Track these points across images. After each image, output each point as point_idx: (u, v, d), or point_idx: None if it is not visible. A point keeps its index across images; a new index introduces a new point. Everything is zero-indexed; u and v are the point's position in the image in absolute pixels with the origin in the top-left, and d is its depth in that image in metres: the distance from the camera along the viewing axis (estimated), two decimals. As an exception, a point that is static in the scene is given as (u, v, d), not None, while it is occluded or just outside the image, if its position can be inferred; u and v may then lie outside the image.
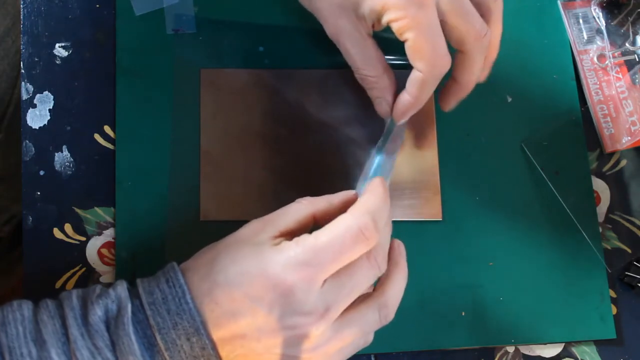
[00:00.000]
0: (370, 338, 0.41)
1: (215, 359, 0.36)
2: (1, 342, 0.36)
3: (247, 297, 0.36)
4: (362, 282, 0.38)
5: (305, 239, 0.37)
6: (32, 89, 0.50)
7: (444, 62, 0.42)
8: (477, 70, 0.45)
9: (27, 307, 0.37)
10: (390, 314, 0.40)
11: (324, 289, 0.37)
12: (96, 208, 0.49)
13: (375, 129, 0.52)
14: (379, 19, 0.42)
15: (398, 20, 0.41)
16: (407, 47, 0.42)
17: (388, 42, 0.47)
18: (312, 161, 0.51)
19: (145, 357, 0.35)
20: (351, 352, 0.40)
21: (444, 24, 0.42)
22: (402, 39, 0.42)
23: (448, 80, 0.47)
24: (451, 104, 0.48)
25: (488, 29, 0.43)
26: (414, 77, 0.44)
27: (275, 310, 0.36)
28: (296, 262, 0.36)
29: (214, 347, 0.36)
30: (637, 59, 0.55)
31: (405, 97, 0.45)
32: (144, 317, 0.36)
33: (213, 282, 0.37)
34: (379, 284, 0.40)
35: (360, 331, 0.39)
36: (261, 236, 0.38)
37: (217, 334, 0.36)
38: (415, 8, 0.40)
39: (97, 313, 0.36)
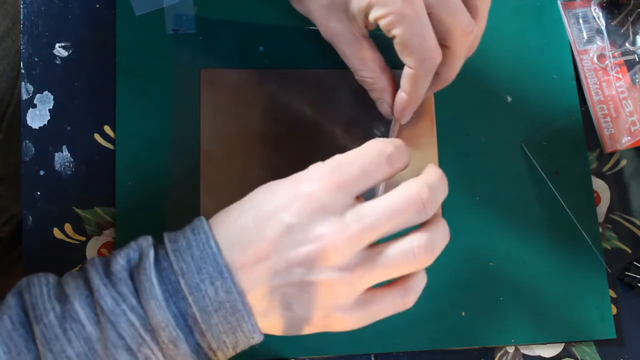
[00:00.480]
0: (413, 297, 0.38)
1: (241, 304, 0.35)
2: (25, 300, 0.36)
3: (272, 212, 0.36)
4: (395, 215, 0.36)
5: (332, 159, 0.37)
6: (32, 89, 0.50)
7: (434, 56, 0.42)
8: (459, 66, 0.45)
9: (52, 275, 0.37)
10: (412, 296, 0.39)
11: (353, 203, 0.36)
12: (96, 208, 0.49)
13: (375, 129, 0.52)
14: (367, 17, 0.42)
15: (385, 17, 0.40)
16: (396, 44, 0.42)
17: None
18: (312, 161, 0.51)
19: (169, 302, 0.35)
20: (387, 308, 0.38)
21: (430, 18, 0.41)
22: (390, 35, 0.41)
23: (399, 94, 0.46)
24: (407, 116, 0.47)
25: (475, 25, 0.42)
26: (406, 73, 0.43)
27: (301, 217, 0.35)
28: (324, 172, 0.36)
29: (239, 291, 0.35)
30: (637, 59, 0.55)
31: (401, 95, 0.45)
32: (169, 264, 0.36)
33: (240, 213, 0.37)
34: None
35: (387, 267, 0.36)
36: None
37: (242, 259, 0.36)
38: (401, 2, 0.39)
39: (120, 262, 0.36)
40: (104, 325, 0.35)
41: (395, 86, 0.46)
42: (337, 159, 0.37)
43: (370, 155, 0.37)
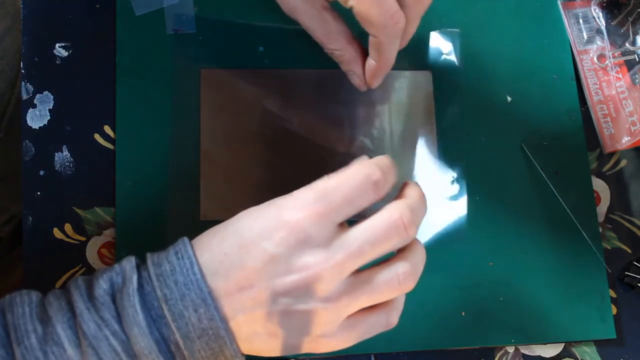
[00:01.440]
0: (396, 312, 0.39)
1: (224, 331, 0.35)
2: (7, 320, 0.35)
3: (256, 240, 0.35)
4: (378, 242, 0.36)
5: (316, 183, 0.37)
6: (32, 89, 0.50)
7: (395, 21, 0.41)
8: (393, 53, 0.44)
9: (35, 293, 0.37)
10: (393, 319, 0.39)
11: (337, 231, 0.36)
12: (96, 208, 0.49)
13: (374, 128, 0.52)
14: None
15: None
16: (355, 14, 0.41)
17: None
18: (312, 161, 0.51)
19: (152, 328, 0.35)
20: (373, 327, 0.38)
21: None
22: (347, 6, 0.41)
23: (368, 61, 0.46)
24: (377, 81, 0.47)
25: (403, 17, 0.41)
26: (371, 41, 0.43)
27: (285, 247, 0.35)
28: (308, 201, 0.36)
29: (222, 318, 0.35)
30: (637, 59, 0.55)
31: (370, 62, 0.45)
32: (152, 289, 0.36)
33: (223, 238, 0.36)
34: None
35: (372, 294, 0.37)
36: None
37: (225, 286, 0.35)
38: None
39: (102, 286, 0.36)
40: (85, 350, 0.34)
41: (364, 55, 0.46)
42: (322, 186, 0.36)
43: (356, 182, 0.36)
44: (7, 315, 0.36)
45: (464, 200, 0.52)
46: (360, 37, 0.46)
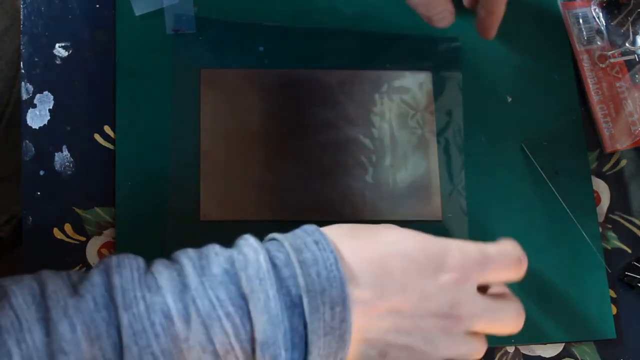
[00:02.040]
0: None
1: (349, 336, 0.35)
2: (113, 282, 0.34)
3: (424, 273, 0.36)
4: (502, 317, 0.39)
5: (479, 245, 0.38)
6: (32, 89, 0.50)
7: None
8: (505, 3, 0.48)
9: (141, 259, 0.36)
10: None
11: (481, 296, 0.38)
12: (96, 208, 0.49)
13: (374, 128, 0.52)
14: None
15: None
16: None
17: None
18: (312, 161, 0.51)
19: (283, 318, 0.33)
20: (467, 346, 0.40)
21: None
22: None
23: (483, 15, 0.49)
24: (494, 32, 0.50)
25: None
26: (491, 18, 0.48)
27: (443, 292, 0.36)
28: (472, 257, 0.37)
29: (352, 324, 0.35)
30: (637, 59, 0.55)
31: (483, 17, 0.48)
32: (292, 275, 0.34)
33: (386, 251, 0.36)
34: None
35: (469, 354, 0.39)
36: None
37: (376, 303, 0.35)
38: None
39: (222, 264, 0.35)
40: (195, 326, 0.33)
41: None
42: (483, 248, 0.38)
43: (511, 258, 0.39)
44: (114, 277, 0.34)
45: (463, 200, 0.52)
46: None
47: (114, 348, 0.32)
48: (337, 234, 0.37)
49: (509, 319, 0.39)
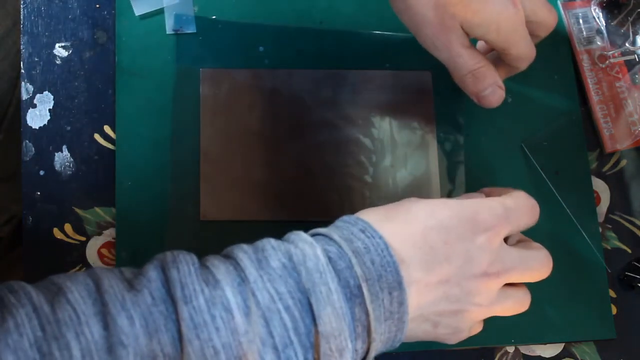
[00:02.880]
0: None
1: (407, 315, 0.36)
2: (170, 276, 0.34)
3: (459, 239, 0.37)
4: (533, 265, 0.40)
5: (498, 199, 0.40)
6: (32, 89, 0.50)
7: (535, 54, 0.48)
8: None
9: (194, 255, 0.36)
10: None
11: (511, 248, 0.40)
12: (96, 208, 0.49)
13: (374, 128, 0.52)
14: (483, 39, 0.46)
15: (498, 42, 0.45)
16: (511, 57, 0.47)
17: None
18: (312, 161, 0.51)
19: (345, 309, 0.34)
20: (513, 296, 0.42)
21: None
22: (502, 53, 0.47)
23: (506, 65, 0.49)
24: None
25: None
26: (511, 70, 0.49)
27: (481, 252, 0.38)
28: (498, 214, 0.39)
29: (409, 305, 0.36)
30: (637, 59, 0.55)
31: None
32: (348, 266, 0.35)
33: (424, 227, 0.37)
34: None
35: (513, 305, 0.41)
36: None
37: (426, 278, 0.36)
38: (519, 27, 0.45)
39: (281, 259, 0.35)
40: (255, 320, 0.33)
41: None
42: (504, 202, 0.40)
43: (528, 207, 0.41)
44: (172, 272, 0.34)
45: (464, 200, 0.52)
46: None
47: (172, 342, 0.32)
48: (376, 219, 0.38)
49: (540, 265, 0.40)
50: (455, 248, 0.37)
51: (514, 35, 0.45)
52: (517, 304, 0.41)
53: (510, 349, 0.50)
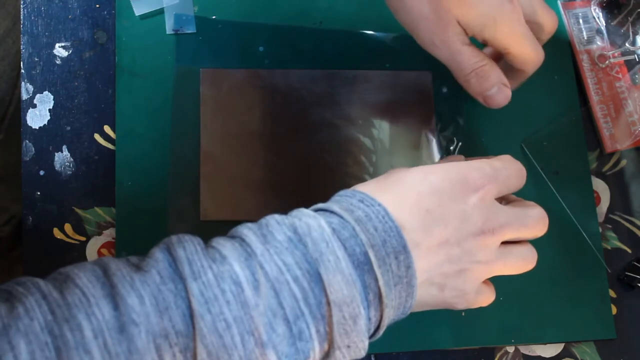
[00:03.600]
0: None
1: (415, 279, 0.36)
2: (177, 255, 0.34)
3: (452, 200, 0.38)
4: (528, 222, 0.41)
5: (484, 159, 0.41)
6: (32, 89, 0.50)
7: (542, 56, 0.47)
8: None
9: (198, 237, 0.36)
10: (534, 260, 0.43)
11: (503, 206, 0.40)
12: (96, 208, 0.49)
13: (375, 129, 0.52)
14: (482, 38, 0.46)
15: (497, 40, 0.45)
16: (514, 58, 0.46)
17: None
18: (312, 161, 0.51)
19: (354, 276, 0.34)
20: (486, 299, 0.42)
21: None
22: (506, 52, 0.46)
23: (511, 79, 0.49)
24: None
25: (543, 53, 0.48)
26: (518, 74, 0.49)
27: (476, 210, 0.38)
28: (487, 173, 0.39)
29: (416, 267, 0.36)
30: (637, 59, 0.55)
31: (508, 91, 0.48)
32: (352, 234, 0.35)
33: (417, 192, 0.38)
34: None
35: (518, 261, 0.41)
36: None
37: (427, 241, 0.37)
38: (517, 24, 0.45)
39: (286, 232, 0.35)
40: (265, 292, 0.33)
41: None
42: (491, 163, 0.41)
43: (516, 168, 0.41)
44: (178, 251, 0.34)
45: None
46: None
47: (183, 319, 0.32)
48: (371, 190, 0.38)
49: (534, 221, 0.41)
50: (450, 209, 0.38)
51: (512, 31, 0.45)
52: (520, 261, 0.41)
53: (510, 349, 0.50)
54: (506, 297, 0.50)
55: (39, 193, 0.49)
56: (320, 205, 0.38)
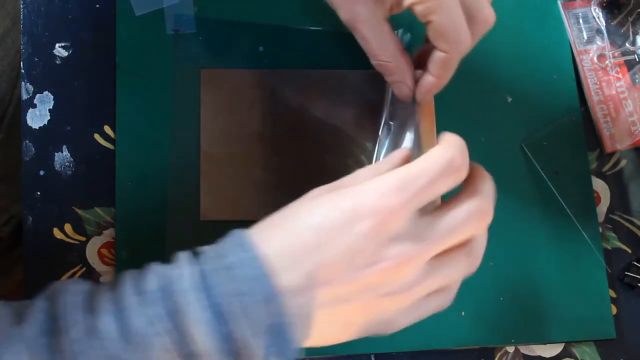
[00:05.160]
0: (452, 294, 0.39)
1: (289, 326, 0.34)
2: (56, 307, 0.34)
3: (336, 233, 0.34)
4: (459, 228, 0.36)
5: (399, 169, 0.36)
6: (32, 89, 0.50)
7: (467, 41, 0.42)
8: (454, 69, 0.44)
9: (87, 283, 0.36)
10: (476, 262, 0.38)
11: (421, 220, 0.35)
12: (96, 208, 0.49)
13: (375, 129, 0.52)
14: (399, 2, 0.42)
15: (421, 3, 0.40)
16: (431, 29, 0.41)
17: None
18: (312, 161, 0.51)
19: (216, 327, 0.33)
20: (435, 307, 0.38)
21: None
22: (424, 20, 0.41)
23: (425, 76, 0.45)
24: (431, 96, 0.47)
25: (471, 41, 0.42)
26: (438, 57, 0.43)
27: (368, 239, 0.34)
28: (390, 189, 0.34)
29: (291, 314, 0.34)
30: (637, 59, 0.55)
31: (429, 78, 0.44)
32: (217, 283, 0.34)
33: (295, 231, 0.35)
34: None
35: (449, 277, 0.37)
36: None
37: (300, 283, 0.34)
38: None
39: (153, 281, 0.34)
40: (134, 347, 0.33)
41: (413, 68, 0.46)
42: (404, 172, 0.35)
43: (438, 168, 0.36)
44: (57, 302, 0.34)
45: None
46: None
47: None
48: (258, 229, 0.36)
49: (470, 220, 0.36)
50: (333, 244, 0.34)
51: None
52: (453, 274, 0.37)
53: (510, 349, 0.50)
54: (506, 297, 0.50)
55: (39, 193, 0.49)
56: (203, 248, 0.36)
